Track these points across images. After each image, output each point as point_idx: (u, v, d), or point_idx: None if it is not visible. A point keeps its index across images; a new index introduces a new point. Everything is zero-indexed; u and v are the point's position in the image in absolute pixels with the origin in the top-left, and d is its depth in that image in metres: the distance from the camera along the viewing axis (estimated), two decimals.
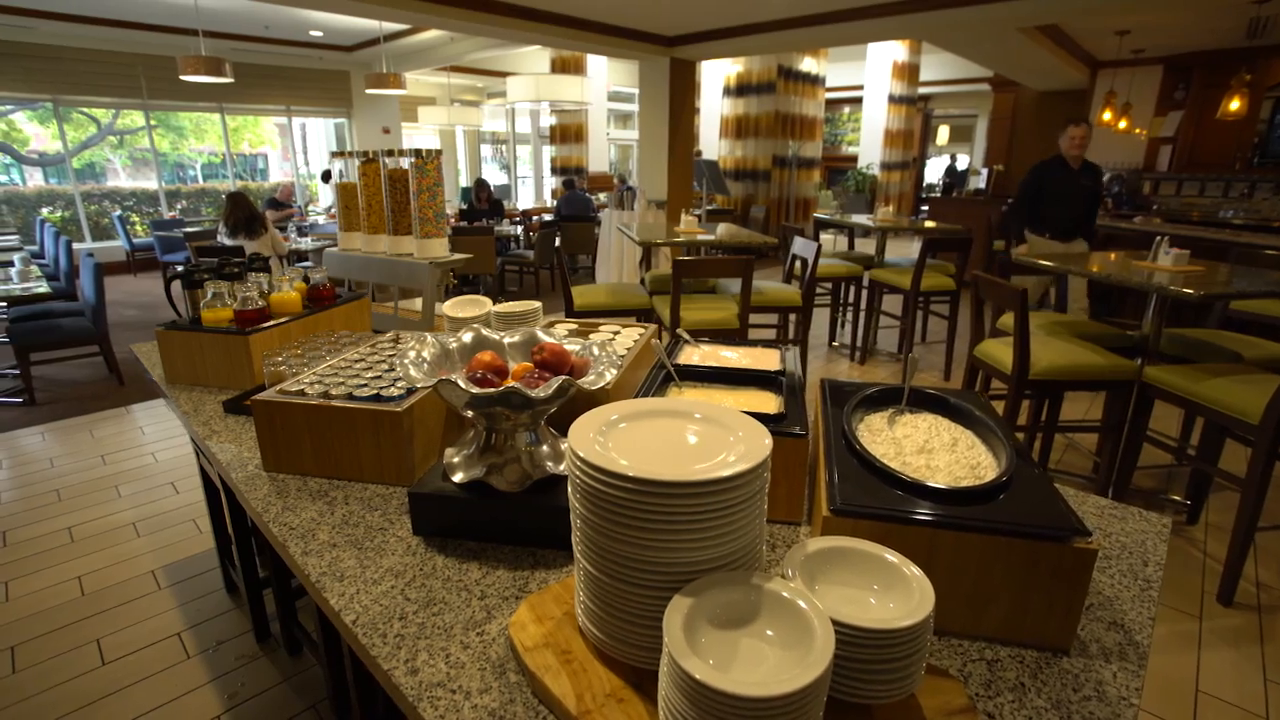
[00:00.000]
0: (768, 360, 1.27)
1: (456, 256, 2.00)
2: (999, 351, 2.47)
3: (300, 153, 10.92)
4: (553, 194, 10.16)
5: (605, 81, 9.88)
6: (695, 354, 1.33)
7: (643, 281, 3.78)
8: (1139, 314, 2.65)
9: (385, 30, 7.53)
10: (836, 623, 0.54)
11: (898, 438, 0.95)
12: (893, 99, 10.04)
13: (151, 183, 9.11)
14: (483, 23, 5.17)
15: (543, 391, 0.83)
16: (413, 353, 0.97)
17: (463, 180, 12.85)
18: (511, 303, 1.54)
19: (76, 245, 8.14)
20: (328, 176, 7.58)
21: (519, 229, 7.73)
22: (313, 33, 7.95)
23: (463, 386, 0.82)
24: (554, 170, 10.14)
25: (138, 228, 8.80)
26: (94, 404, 3.78)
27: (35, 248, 6.71)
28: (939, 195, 10.80)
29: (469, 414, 0.93)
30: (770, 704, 0.46)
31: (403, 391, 1.13)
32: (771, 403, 1.07)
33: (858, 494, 0.76)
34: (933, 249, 4.00)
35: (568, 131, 9.77)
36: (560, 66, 9.05)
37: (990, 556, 0.70)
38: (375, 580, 0.85)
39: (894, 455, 0.89)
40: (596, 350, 1.02)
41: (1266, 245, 4.48)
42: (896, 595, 0.60)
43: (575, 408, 0.87)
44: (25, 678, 1.78)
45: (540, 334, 1.07)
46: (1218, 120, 5.88)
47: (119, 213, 8.39)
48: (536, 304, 1.56)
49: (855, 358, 4.70)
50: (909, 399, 1.04)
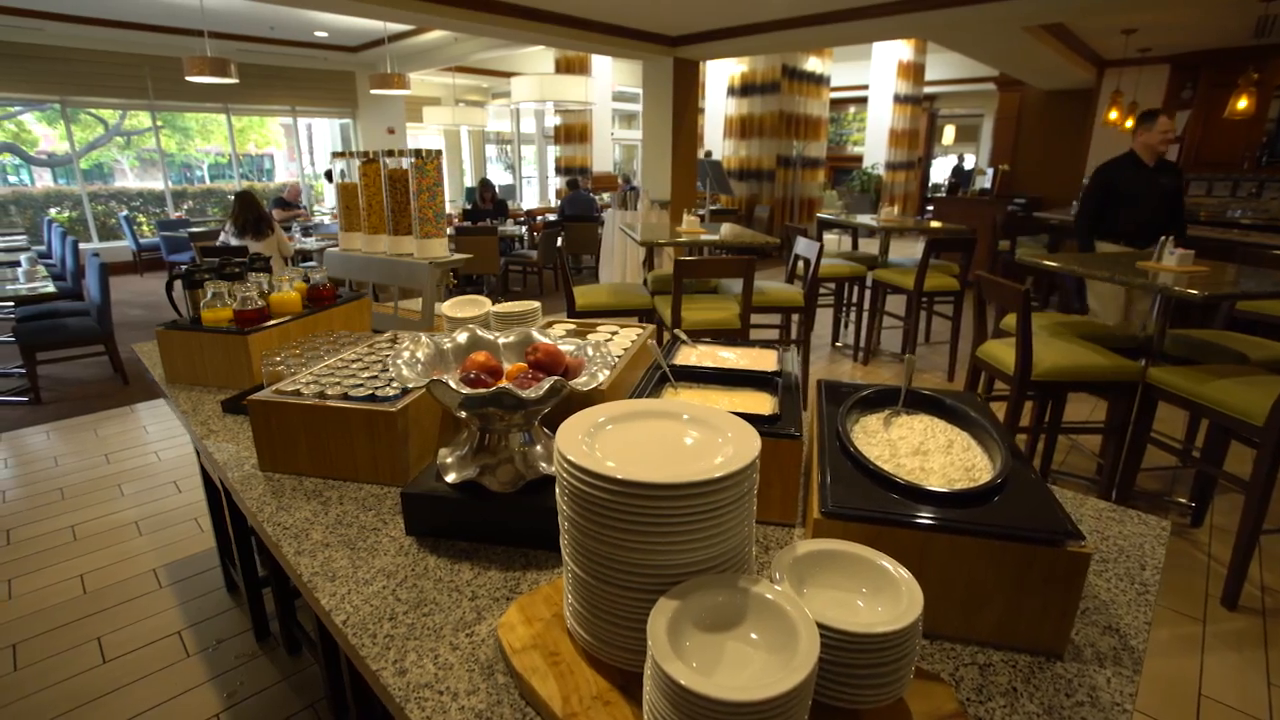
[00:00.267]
0: (765, 361, 1.26)
1: (456, 256, 2.00)
2: (1001, 352, 2.46)
3: (306, 153, 10.97)
4: (557, 194, 10.17)
5: (610, 81, 9.88)
6: (693, 354, 1.33)
7: (646, 282, 3.77)
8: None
9: (390, 31, 7.54)
10: (822, 627, 0.54)
11: (893, 439, 0.94)
12: (898, 98, 10.00)
13: (158, 183, 9.16)
14: (485, 23, 5.18)
15: (534, 392, 0.83)
16: (407, 353, 0.97)
17: (468, 180, 12.88)
18: (510, 303, 1.54)
19: (83, 245, 8.19)
20: (330, 176, 7.60)
21: (523, 229, 7.74)
22: (318, 33, 7.98)
23: (454, 387, 0.82)
24: (558, 170, 10.15)
25: (144, 228, 8.85)
26: (99, 403, 3.80)
27: (43, 248, 6.76)
28: (944, 195, 10.76)
29: (462, 415, 0.93)
30: (752, 708, 0.46)
31: (398, 392, 1.12)
32: (767, 404, 1.07)
33: (850, 496, 0.76)
34: (936, 249, 3.98)
35: (572, 131, 9.77)
36: (565, 67, 9.05)
37: (983, 560, 0.70)
38: (367, 580, 0.85)
39: (888, 457, 0.89)
40: (591, 351, 1.02)
41: (1274, 245, 4.45)
42: (885, 599, 0.60)
43: (570, 408, 0.87)
44: (26, 675, 1.79)
45: (535, 334, 1.07)
46: (1225, 119, 5.84)
47: (125, 213, 8.44)
48: (535, 304, 1.56)
49: (858, 358, 4.69)
50: (906, 400, 1.03)
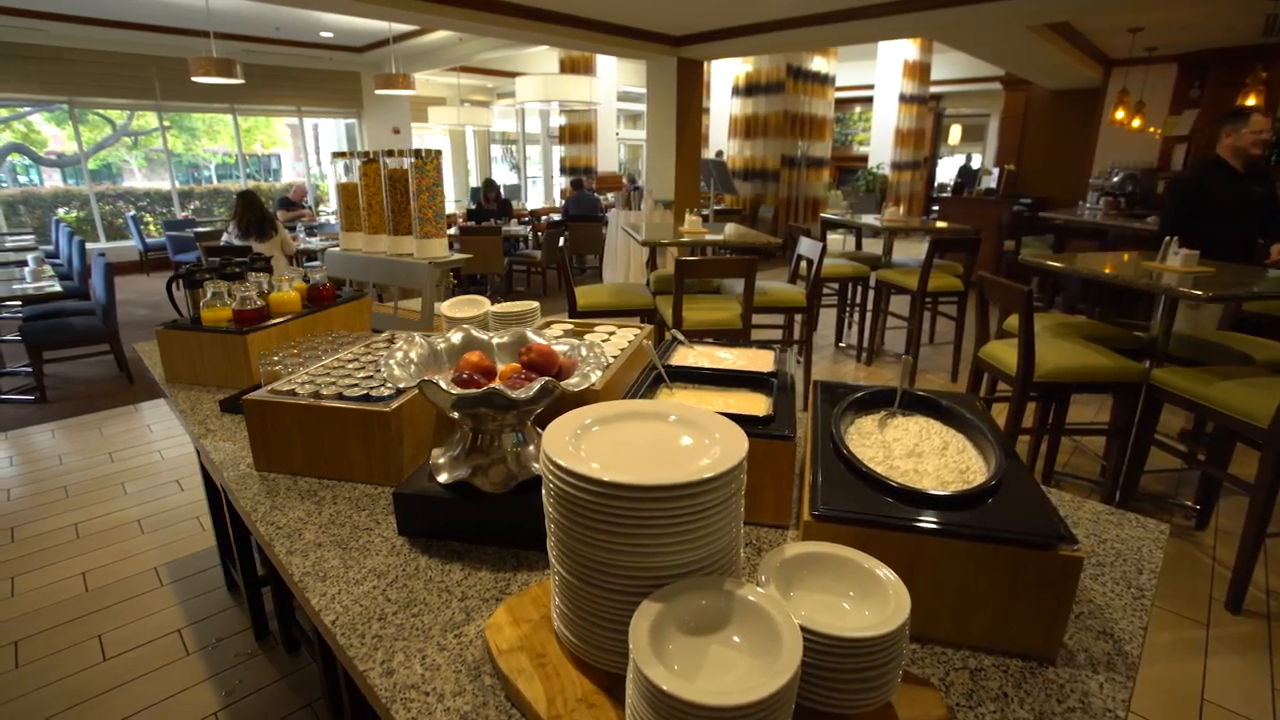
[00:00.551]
0: (762, 362, 1.26)
1: (456, 256, 2.00)
2: (1004, 353, 2.44)
3: (312, 153, 11.01)
4: (562, 194, 10.18)
5: (615, 81, 9.88)
6: (690, 355, 1.32)
7: (649, 282, 3.77)
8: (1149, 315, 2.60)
9: (395, 31, 7.56)
10: (807, 631, 0.53)
11: (887, 441, 0.93)
12: (904, 98, 9.96)
13: (166, 183, 9.21)
14: (489, 23, 5.18)
15: (524, 393, 0.82)
16: (400, 353, 0.97)
17: (473, 180, 12.90)
18: (509, 303, 1.54)
19: (91, 245, 8.25)
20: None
21: (527, 229, 7.74)
22: (323, 34, 8.01)
23: (444, 387, 0.82)
24: (563, 170, 10.16)
25: (151, 228, 8.90)
26: (104, 402, 3.82)
27: (50, 247, 6.80)
28: (949, 195, 10.71)
29: (455, 415, 0.92)
30: (733, 713, 0.45)
31: (393, 391, 1.12)
32: (762, 404, 1.06)
33: (841, 498, 0.75)
34: (940, 249, 3.96)
35: (577, 131, 9.78)
36: (569, 67, 9.05)
37: (974, 563, 0.69)
38: (358, 580, 0.85)
39: (882, 459, 0.88)
40: (585, 351, 1.02)
41: None
42: (873, 603, 0.59)
43: (564, 409, 0.86)
44: (28, 672, 1.80)
45: (530, 334, 1.07)
46: None
47: (133, 213, 8.49)
48: (534, 304, 1.56)
49: (861, 359, 4.67)
50: (902, 401, 1.03)
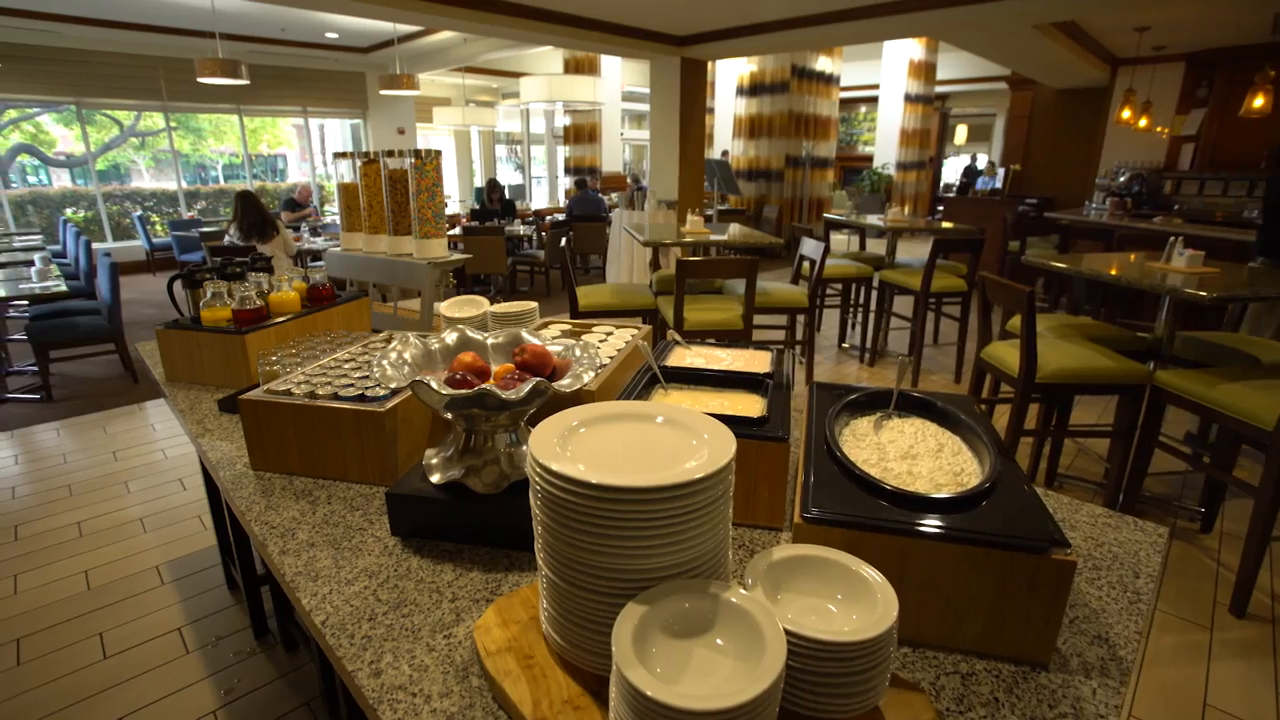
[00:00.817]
0: (760, 362, 1.25)
1: (455, 257, 2.00)
2: (1006, 354, 2.43)
3: (318, 153, 11.05)
4: (566, 194, 10.18)
5: (620, 82, 9.88)
6: (687, 355, 1.32)
7: (652, 283, 3.77)
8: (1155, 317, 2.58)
9: (399, 32, 7.58)
10: (792, 634, 0.53)
11: (882, 443, 0.93)
12: (909, 98, 9.93)
13: (173, 183, 9.26)
14: (491, 23, 5.19)
15: (515, 393, 0.82)
16: (394, 354, 0.97)
17: (478, 180, 12.92)
18: (507, 303, 1.54)
19: (98, 245, 8.30)
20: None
21: (531, 229, 7.75)
22: (328, 35, 8.04)
23: (435, 387, 0.82)
24: (568, 170, 10.16)
25: (158, 228, 8.95)
26: (109, 401, 3.84)
27: (58, 247, 6.84)
28: (954, 195, 10.66)
29: (448, 415, 0.92)
30: (712, 717, 0.45)
31: (388, 392, 1.12)
32: (757, 405, 1.05)
33: (832, 501, 0.74)
34: (944, 250, 3.94)
35: (581, 131, 9.78)
36: (574, 67, 9.05)
37: (966, 567, 0.68)
38: (349, 580, 0.85)
39: (876, 461, 0.87)
40: (579, 352, 1.01)
41: None
42: (861, 607, 0.59)
43: (559, 410, 0.86)
44: (29, 670, 1.81)
45: (525, 335, 1.07)
46: (1241, 118, 5.75)
47: (139, 213, 8.54)
48: (532, 304, 1.56)
49: (864, 359, 4.66)
50: (898, 403, 1.02)
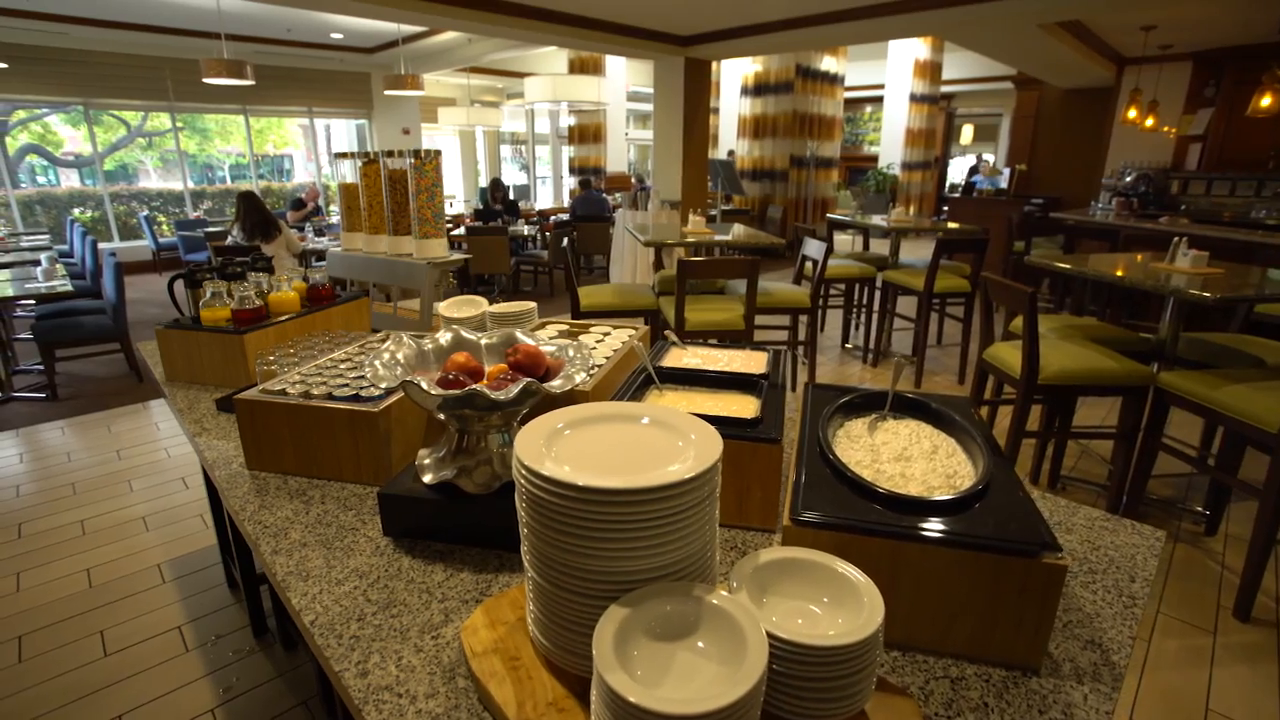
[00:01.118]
0: (756, 363, 1.25)
1: (455, 257, 2.01)
2: (1008, 355, 2.41)
3: (324, 154, 11.08)
4: (570, 194, 10.19)
5: (624, 82, 9.87)
6: (684, 356, 1.32)
7: (655, 283, 3.76)
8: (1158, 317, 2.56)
9: (404, 33, 7.60)
10: (775, 638, 0.53)
11: (876, 444, 0.92)
12: (914, 98, 9.90)
13: (179, 183, 9.32)
14: (494, 23, 5.20)
15: (505, 394, 0.82)
16: (387, 354, 0.97)
17: (482, 180, 12.95)
18: (506, 303, 1.54)
19: (104, 245, 8.36)
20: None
21: (535, 229, 7.75)
22: (333, 35, 8.06)
23: (425, 388, 0.82)
24: (572, 170, 10.17)
25: (164, 228, 9.00)
26: (113, 400, 3.86)
27: (65, 247, 6.89)
28: (959, 195, 10.62)
29: (441, 416, 0.92)
30: None
31: (382, 392, 1.12)
32: (751, 406, 1.05)
33: (823, 503, 0.74)
34: (948, 250, 3.93)
35: (586, 132, 9.79)
36: (579, 67, 9.06)
37: (956, 570, 0.68)
38: (339, 580, 0.85)
39: (869, 463, 0.87)
40: (572, 352, 1.01)
41: None
42: (847, 610, 0.58)
43: (554, 410, 0.86)
44: (30, 667, 1.82)
45: (519, 335, 1.07)
46: (1249, 117, 5.70)
47: (146, 213, 8.59)
48: (531, 305, 1.56)
49: (868, 360, 4.64)
50: (894, 404, 1.01)
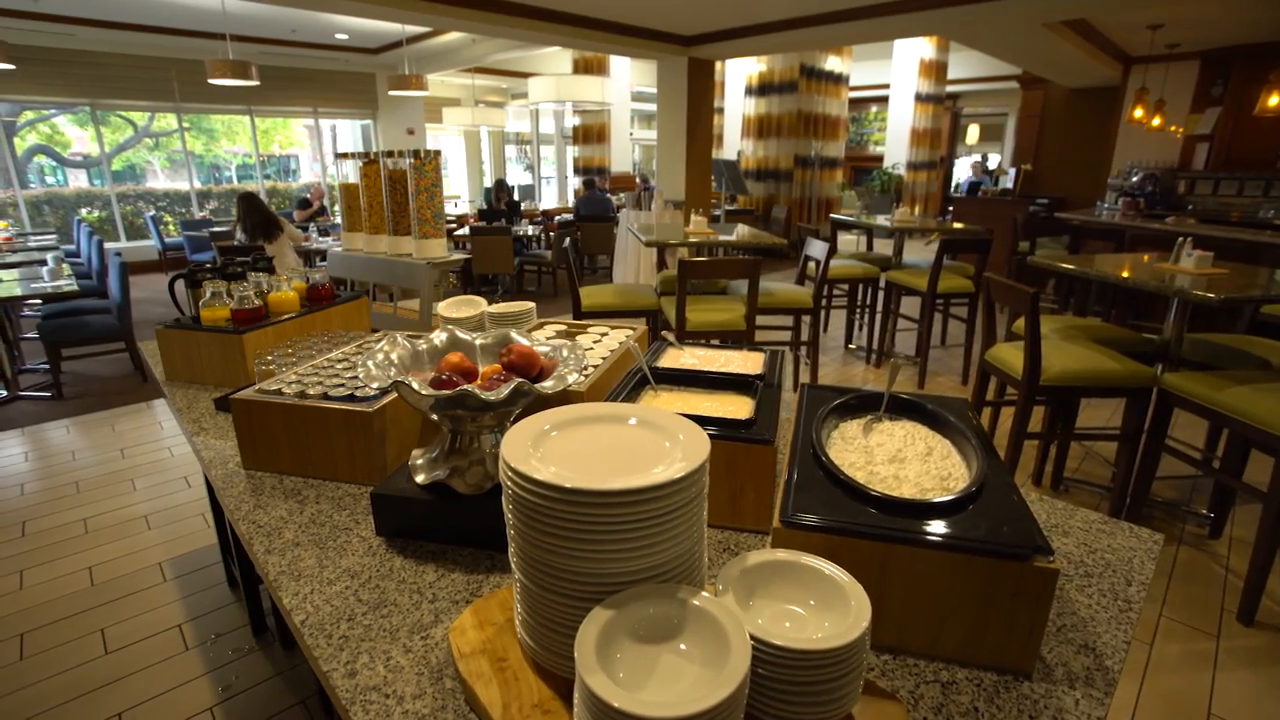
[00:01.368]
0: (753, 364, 1.24)
1: (454, 257, 2.01)
2: (1010, 356, 2.40)
3: (329, 154, 11.11)
4: (575, 194, 10.19)
5: (629, 82, 9.86)
6: (682, 356, 1.31)
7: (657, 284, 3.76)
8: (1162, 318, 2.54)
9: (408, 33, 7.62)
10: (759, 641, 0.52)
11: (870, 446, 0.92)
12: (919, 97, 9.85)
13: (186, 184, 9.36)
14: (497, 24, 5.20)
15: (496, 394, 0.82)
16: (380, 354, 0.97)
17: (487, 181, 12.97)
18: (505, 303, 1.54)
19: (111, 245, 8.40)
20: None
21: (538, 229, 7.76)
22: (338, 36, 8.09)
23: (415, 388, 0.82)
24: (577, 170, 10.17)
25: (170, 228, 9.05)
26: (118, 399, 3.88)
27: (72, 247, 6.93)
28: (964, 195, 10.58)
29: (434, 416, 0.92)
30: None
31: (377, 392, 1.12)
32: (746, 407, 1.05)
33: (814, 505, 0.73)
34: (952, 250, 3.91)
35: (590, 132, 9.79)
36: (583, 67, 9.06)
37: (946, 573, 0.67)
38: (331, 580, 0.85)
39: (863, 464, 0.86)
40: (566, 353, 1.01)
41: None
42: (834, 614, 0.58)
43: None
44: (31, 664, 1.83)
45: (514, 335, 1.06)
46: (1257, 117, 5.66)
47: (152, 213, 8.63)
48: (529, 305, 1.56)
49: (871, 360, 4.63)
50: (890, 405, 1.01)
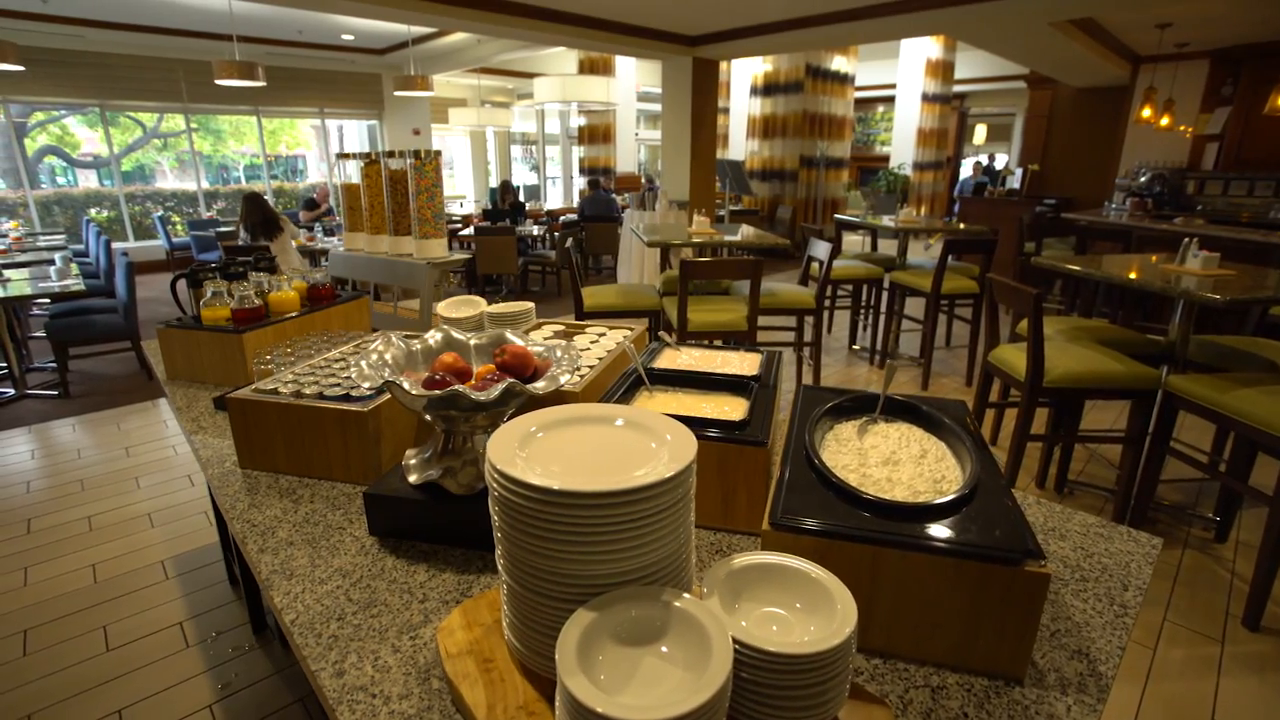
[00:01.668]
0: (750, 364, 1.24)
1: (454, 257, 2.01)
2: (1014, 357, 2.38)
3: (336, 154, 11.17)
4: (580, 194, 10.20)
5: (634, 82, 9.86)
6: (679, 357, 1.31)
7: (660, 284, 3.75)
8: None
9: (414, 34, 7.64)
10: (742, 645, 0.52)
11: (864, 448, 0.91)
12: (926, 97, 9.80)
13: (194, 184, 9.42)
14: (502, 24, 5.21)
15: (487, 395, 0.82)
16: (374, 354, 0.97)
17: (493, 181, 13.00)
18: (504, 304, 1.54)
19: (119, 245, 8.47)
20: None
21: (543, 229, 7.77)
22: (344, 37, 8.12)
23: (406, 388, 0.82)
24: (582, 171, 10.17)
25: (178, 228, 9.10)
26: (123, 398, 3.91)
27: (81, 246, 6.98)
28: (967, 195, 10.52)
29: (428, 417, 0.92)
30: None
31: (372, 392, 1.13)
32: (740, 408, 1.04)
33: (805, 507, 0.73)
34: (957, 250, 3.89)
35: (595, 132, 9.79)
36: (588, 67, 9.06)
37: (937, 577, 0.67)
38: (322, 580, 0.85)
39: (856, 466, 0.86)
40: (560, 353, 1.01)
41: None
42: (820, 617, 0.57)
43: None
44: (34, 660, 1.84)
45: (509, 336, 1.06)
46: (1268, 116, 5.60)
47: (160, 213, 8.69)
48: (529, 304, 1.56)
49: (874, 361, 4.61)
50: (885, 407, 1.00)
